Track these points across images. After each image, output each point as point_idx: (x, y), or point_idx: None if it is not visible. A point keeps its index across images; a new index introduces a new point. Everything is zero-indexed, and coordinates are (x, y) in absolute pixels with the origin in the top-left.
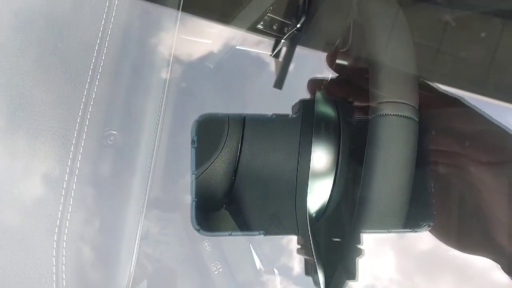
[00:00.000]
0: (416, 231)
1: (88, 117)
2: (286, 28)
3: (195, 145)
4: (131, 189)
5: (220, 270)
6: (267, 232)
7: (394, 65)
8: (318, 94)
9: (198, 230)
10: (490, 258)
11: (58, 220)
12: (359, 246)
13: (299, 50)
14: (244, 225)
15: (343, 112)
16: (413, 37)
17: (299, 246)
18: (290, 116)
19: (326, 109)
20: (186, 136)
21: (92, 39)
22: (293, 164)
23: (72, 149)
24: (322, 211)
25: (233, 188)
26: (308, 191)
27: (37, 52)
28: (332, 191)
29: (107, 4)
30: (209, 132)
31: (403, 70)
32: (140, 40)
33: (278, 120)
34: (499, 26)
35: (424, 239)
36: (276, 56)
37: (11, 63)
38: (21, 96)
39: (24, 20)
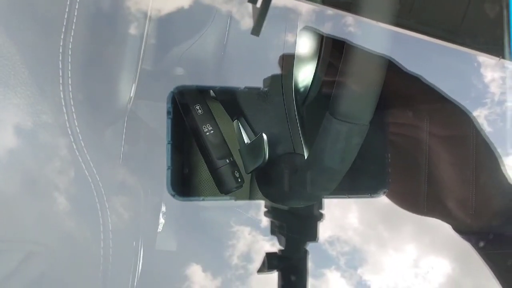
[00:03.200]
0: (373, 197)
1: None
2: None
3: (171, 116)
4: (128, 28)
5: (212, 132)
6: (254, 108)
7: None
8: None
9: (173, 196)
10: (441, 220)
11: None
12: (320, 211)
13: None
14: (234, 105)
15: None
16: None
17: (266, 209)
18: (261, 89)
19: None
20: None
21: None
22: (280, 43)
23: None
24: (306, 93)
25: (222, 65)
26: (293, 70)
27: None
28: (314, 75)
29: None
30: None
31: None
32: None
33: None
34: None
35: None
36: (254, 1)
37: None
38: None
39: None
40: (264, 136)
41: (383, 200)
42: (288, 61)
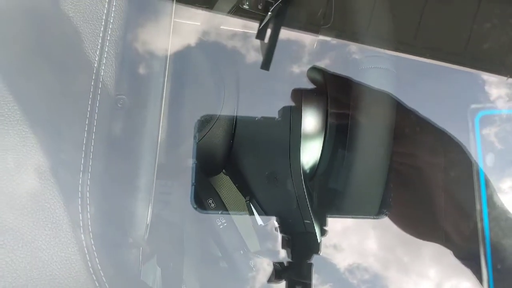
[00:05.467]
0: (376, 218)
1: (101, 81)
2: (270, 7)
3: (197, 141)
4: (142, 151)
5: (225, 224)
6: (265, 191)
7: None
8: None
9: (195, 209)
10: (442, 245)
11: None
12: (324, 227)
13: (284, 31)
14: (243, 185)
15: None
16: (395, 12)
17: (277, 225)
18: (276, 119)
19: (315, 75)
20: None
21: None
22: (286, 126)
23: (88, 112)
24: (314, 170)
25: (231, 151)
26: (301, 150)
27: (20, 47)
28: (322, 151)
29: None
30: (207, 104)
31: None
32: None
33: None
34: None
35: None
36: (262, 37)
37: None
38: (7, 91)
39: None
40: (276, 222)
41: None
42: (299, 94)
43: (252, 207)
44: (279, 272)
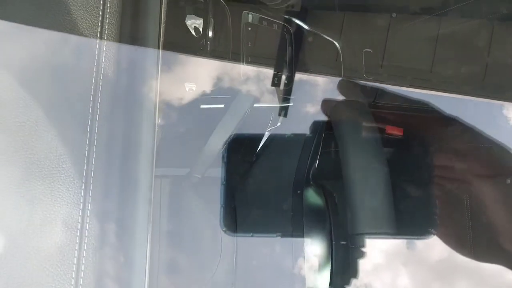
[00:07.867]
0: (420, 239)
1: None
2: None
3: (225, 160)
4: None
5: None
6: None
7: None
8: (308, 190)
9: (224, 231)
10: (502, 265)
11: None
12: (362, 249)
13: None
14: None
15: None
16: (410, 49)
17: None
18: (307, 135)
19: (315, 200)
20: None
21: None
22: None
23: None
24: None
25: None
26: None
27: (45, 103)
28: (331, 278)
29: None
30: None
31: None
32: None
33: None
34: (489, 30)
35: (434, 248)
36: (277, 85)
37: (20, 112)
38: (34, 147)
39: (30, 74)
40: None
41: (432, 257)
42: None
43: None
44: None
